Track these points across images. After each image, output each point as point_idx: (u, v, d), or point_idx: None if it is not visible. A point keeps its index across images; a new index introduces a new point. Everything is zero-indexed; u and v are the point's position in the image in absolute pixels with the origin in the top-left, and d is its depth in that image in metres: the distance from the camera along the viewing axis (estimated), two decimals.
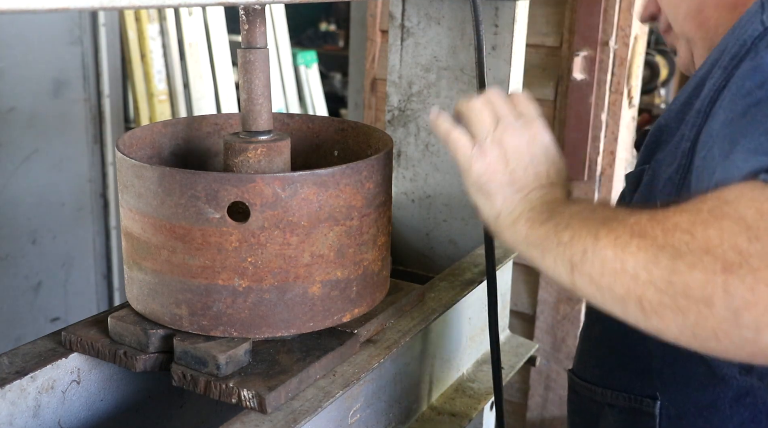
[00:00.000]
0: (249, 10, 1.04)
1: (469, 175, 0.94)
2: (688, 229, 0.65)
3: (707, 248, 0.63)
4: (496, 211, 0.92)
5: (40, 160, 2.70)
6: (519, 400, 2.52)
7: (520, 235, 0.87)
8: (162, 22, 3.17)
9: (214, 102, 3.44)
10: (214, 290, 0.98)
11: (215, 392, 0.95)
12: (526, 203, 0.90)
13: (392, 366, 1.14)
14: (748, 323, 0.60)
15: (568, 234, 0.78)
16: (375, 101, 2.60)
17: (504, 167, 0.93)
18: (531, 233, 0.85)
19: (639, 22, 1.64)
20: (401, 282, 1.24)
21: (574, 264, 0.75)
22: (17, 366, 1.02)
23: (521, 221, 0.87)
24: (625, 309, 0.70)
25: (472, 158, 0.93)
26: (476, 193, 0.94)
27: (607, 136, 2.24)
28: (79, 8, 0.65)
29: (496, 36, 1.42)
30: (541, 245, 0.82)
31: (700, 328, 0.64)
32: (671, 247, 0.65)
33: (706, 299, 0.62)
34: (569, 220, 0.80)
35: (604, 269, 0.71)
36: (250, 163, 1.09)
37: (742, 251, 0.60)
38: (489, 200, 0.92)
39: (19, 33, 2.58)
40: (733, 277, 0.60)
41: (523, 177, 0.92)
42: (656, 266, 0.66)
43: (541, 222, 0.84)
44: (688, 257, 0.63)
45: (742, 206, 0.63)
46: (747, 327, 0.60)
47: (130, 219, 1.03)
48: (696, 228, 0.64)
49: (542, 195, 0.91)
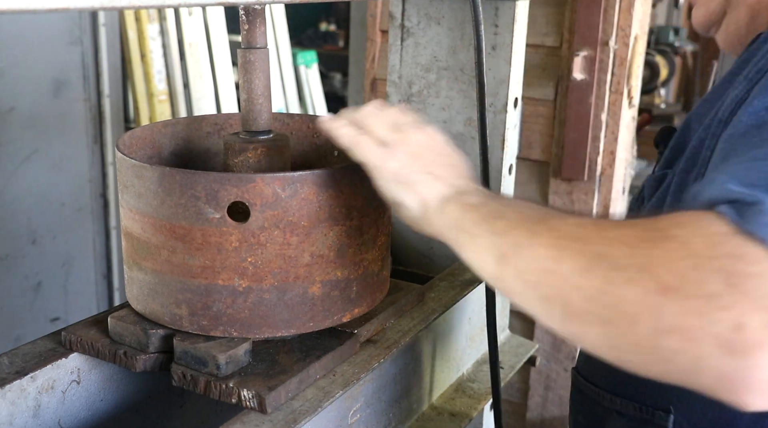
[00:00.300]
0: (249, 10, 1.04)
1: (385, 171, 0.92)
2: (632, 243, 0.64)
3: (647, 266, 0.62)
4: (423, 197, 0.89)
5: (40, 160, 2.70)
6: (519, 400, 2.52)
7: (451, 218, 0.84)
8: (162, 22, 3.17)
9: (214, 102, 3.44)
10: (214, 290, 0.98)
11: (215, 392, 0.95)
12: (454, 188, 0.88)
13: (392, 366, 1.14)
14: (667, 346, 0.60)
15: (503, 224, 0.76)
16: None
17: (418, 162, 0.91)
18: (463, 216, 0.82)
19: None
20: (401, 282, 1.24)
21: (503, 255, 0.74)
22: (17, 366, 1.02)
23: (452, 204, 0.85)
24: (546, 310, 0.69)
25: (381, 156, 0.92)
26: (396, 187, 0.91)
27: (607, 136, 2.24)
28: (79, 8, 0.65)
29: (496, 36, 1.42)
30: (471, 230, 0.79)
31: (620, 341, 0.64)
32: (611, 258, 0.64)
33: (633, 316, 0.61)
34: (504, 210, 0.78)
35: (535, 267, 0.70)
36: (250, 163, 1.09)
37: (681, 277, 0.60)
38: (412, 189, 0.90)
39: (19, 33, 2.58)
40: (665, 300, 0.60)
41: (440, 168, 0.91)
42: (591, 274, 0.65)
43: (475, 207, 0.82)
44: (625, 272, 0.62)
45: (693, 234, 0.61)
46: (666, 350, 0.60)
47: (130, 219, 1.03)
48: (641, 244, 0.63)
49: (466, 181, 0.90)
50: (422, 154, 0.93)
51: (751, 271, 0.58)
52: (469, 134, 1.48)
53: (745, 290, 0.57)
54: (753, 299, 0.57)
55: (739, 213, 0.60)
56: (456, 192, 0.86)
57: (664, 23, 5.33)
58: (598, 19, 2.13)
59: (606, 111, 2.21)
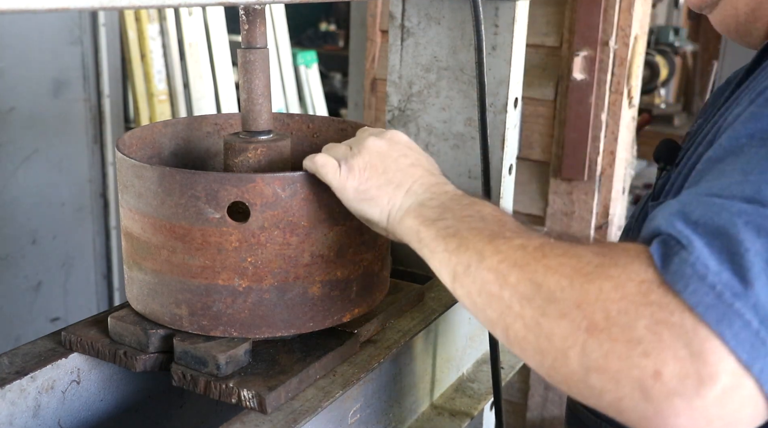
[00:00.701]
0: (249, 10, 1.04)
1: (347, 192, 0.93)
2: (570, 275, 0.65)
3: (580, 302, 0.63)
4: (385, 211, 0.91)
5: (40, 160, 2.70)
6: (519, 400, 2.52)
7: (412, 231, 0.86)
8: (162, 22, 3.17)
9: (214, 102, 3.44)
10: (214, 290, 0.98)
11: (215, 392, 0.95)
12: (413, 197, 0.89)
13: (392, 366, 1.14)
14: (594, 383, 0.62)
15: (455, 243, 0.78)
16: (375, 101, 2.60)
17: (376, 171, 0.93)
18: (421, 229, 0.84)
19: None
20: (401, 282, 1.24)
21: (456, 275, 0.76)
22: (17, 366, 1.02)
23: (410, 216, 0.87)
24: (493, 330, 0.72)
25: (343, 176, 0.93)
26: (359, 204, 0.93)
27: (607, 136, 2.24)
28: (79, 8, 0.65)
29: (496, 36, 1.42)
30: (429, 245, 0.82)
31: (554, 372, 0.66)
32: (548, 289, 0.66)
33: (564, 351, 0.63)
34: (458, 224, 0.80)
35: (482, 290, 0.72)
36: (250, 163, 1.09)
37: (609, 318, 0.61)
38: (374, 204, 0.92)
39: (19, 33, 2.58)
40: (593, 339, 0.61)
41: (398, 173, 0.92)
42: (529, 304, 0.67)
43: (432, 220, 0.83)
44: (559, 305, 0.64)
45: (626, 277, 0.63)
46: (594, 387, 0.62)
47: (130, 219, 1.03)
48: (577, 278, 0.65)
49: (426, 186, 0.90)
50: (379, 163, 0.93)
51: (672, 321, 0.59)
52: (469, 134, 1.48)
53: (665, 340, 0.59)
54: (671, 349, 0.59)
55: (667, 260, 0.62)
56: (414, 202, 0.88)
57: (664, 23, 5.33)
58: (598, 19, 2.13)
59: (606, 111, 2.21)
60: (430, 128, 1.50)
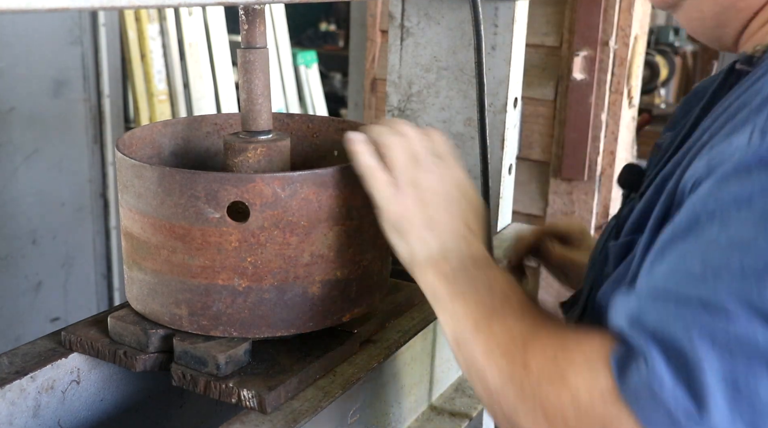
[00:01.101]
0: (249, 10, 1.04)
1: (387, 214, 0.94)
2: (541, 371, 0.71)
3: (542, 404, 0.70)
4: (411, 251, 0.92)
5: (40, 160, 2.70)
6: None
7: (428, 283, 0.89)
8: (162, 22, 3.17)
9: (214, 102, 3.44)
10: (213, 290, 0.98)
11: (215, 392, 0.95)
12: (442, 252, 0.90)
13: (392, 366, 1.14)
14: None
15: (461, 310, 0.83)
16: (375, 101, 2.60)
17: (421, 210, 0.92)
18: (436, 285, 0.88)
19: None
20: (401, 282, 1.24)
21: (455, 339, 0.83)
22: (17, 366, 1.02)
23: (431, 270, 0.89)
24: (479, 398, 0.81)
25: (389, 198, 0.93)
26: (393, 233, 0.94)
27: (607, 136, 2.24)
28: (79, 8, 0.65)
29: (496, 36, 1.42)
30: (440, 301, 0.87)
31: None
32: (521, 383, 0.72)
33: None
34: (467, 291, 0.85)
35: (472, 366, 0.80)
36: (250, 163, 1.09)
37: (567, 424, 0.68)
38: (404, 239, 0.93)
39: (19, 33, 2.58)
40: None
41: (440, 221, 0.92)
42: (506, 391, 0.74)
43: (447, 280, 0.87)
44: (527, 403, 0.71)
45: (583, 386, 0.67)
46: None
47: (130, 219, 1.03)
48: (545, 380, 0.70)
49: (460, 247, 0.90)
50: (428, 200, 0.93)
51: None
52: (469, 134, 1.48)
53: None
54: None
55: (623, 370, 0.64)
56: (440, 255, 0.90)
57: (664, 23, 5.33)
58: (598, 19, 2.13)
59: (606, 111, 2.22)
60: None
